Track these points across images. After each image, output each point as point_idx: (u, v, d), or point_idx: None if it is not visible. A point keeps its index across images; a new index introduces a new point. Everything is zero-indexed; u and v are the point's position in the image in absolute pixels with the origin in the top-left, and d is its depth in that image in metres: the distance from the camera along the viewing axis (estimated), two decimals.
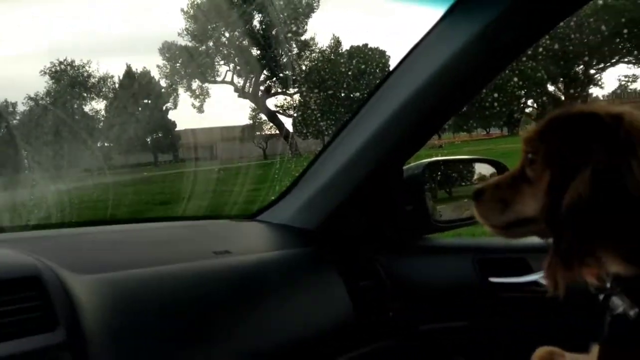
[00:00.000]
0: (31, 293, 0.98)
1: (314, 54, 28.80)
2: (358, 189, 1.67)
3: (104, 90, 30.42)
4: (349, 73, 27.25)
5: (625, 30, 20.81)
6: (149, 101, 29.77)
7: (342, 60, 28.22)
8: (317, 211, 1.72)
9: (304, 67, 28.24)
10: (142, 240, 1.50)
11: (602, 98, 26.43)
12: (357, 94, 26.10)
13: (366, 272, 1.68)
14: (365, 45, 29.62)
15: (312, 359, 1.44)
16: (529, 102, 24.42)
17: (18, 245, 1.18)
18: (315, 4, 27.72)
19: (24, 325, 0.95)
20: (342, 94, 27.46)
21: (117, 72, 33.41)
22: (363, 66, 27.53)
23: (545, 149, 1.03)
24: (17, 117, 29.39)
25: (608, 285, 0.99)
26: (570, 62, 22.61)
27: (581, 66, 24.07)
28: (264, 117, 29.30)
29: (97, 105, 30.40)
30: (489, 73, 1.46)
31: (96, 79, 30.14)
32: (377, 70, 27.22)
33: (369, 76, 27.45)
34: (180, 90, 29.62)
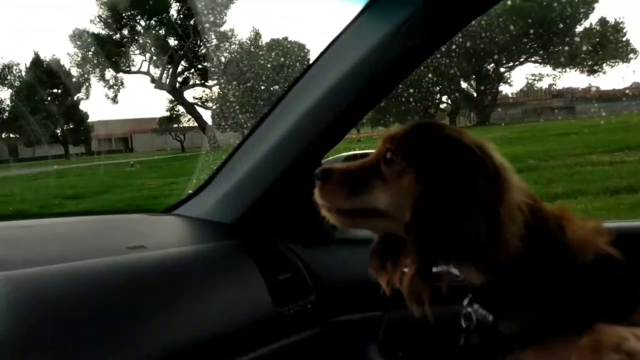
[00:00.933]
0: None
1: (233, 46, 28.43)
2: (276, 182, 1.66)
3: (9, 78, 28.66)
4: (268, 66, 27.11)
5: (532, 31, 21.99)
6: (59, 91, 28.33)
7: (261, 53, 28.00)
8: (235, 205, 1.70)
9: (222, 59, 27.82)
10: (49, 236, 1.42)
11: (510, 95, 27.89)
12: (277, 87, 26.05)
13: (284, 265, 1.68)
14: (285, 38, 29.59)
15: (230, 353, 1.42)
16: (443, 98, 25.32)
17: None
18: None
19: None
20: (262, 87, 27.30)
21: (24, 60, 31.51)
22: (282, 59, 27.45)
23: (409, 154, 1.09)
24: None
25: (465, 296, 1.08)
26: (481, 60, 23.62)
27: (492, 64, 25.23)
28: (181, 109, 28.61)
29: (2, 95, 28.59)
30: (404, 69, 1.49)
31: (0, 67, 28.34)
32: (297, 64, 27.25)
33: (288, 69, 27.43)
34: (93, 80, 28.34)
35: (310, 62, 1.62)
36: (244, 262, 1.58)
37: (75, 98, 28.34)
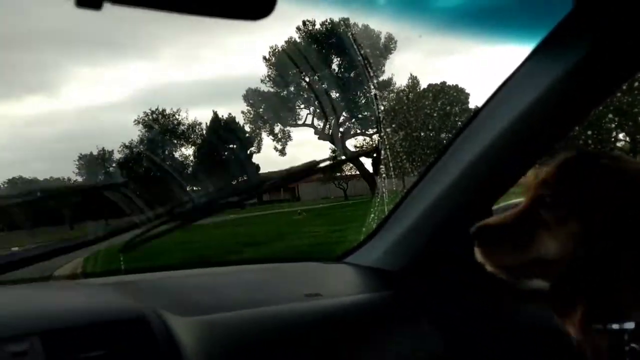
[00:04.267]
0: (138, 334, 1.04)
1: (392, 94, 28.93)
2: (445, 229, 1.64)
3: (192, 136, 31.93)
4: (434, 115, 27.23)
5: None
6: (235, 146, 30.86)
7: (427, 103, 28.22)
8: (404, 252, 1.71)
9: (382, 107, 28.40)
10: (235, 283, 1.54)
11: None
12: (443, 135, 25.95)
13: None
14: (444, 83, 29.49)
15: None
16: (620, 135, 23.12)
17: (120, 289, 1.25)
18: (392, 46, 28.04)
19: None
20: (429, 134, 27.40)
21: (205, 119, 35.05)
22: (448, 107, 27.44)
23: (570, 194, 1.03)
24: (114, 165, 31.39)
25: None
26: None
27: None
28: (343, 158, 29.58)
29: (187, 151, 31.87)
30: (578, 113, 1.42)
31: (185, 127, 31.75)
32: (461, 111, 27.04)
33: (454, 117, 27.29)
34: (263, 134, 30.55)
35: (475, 107, 1.60)
36: (410, 312, 1.57)
37: (248, 152, 30.69)
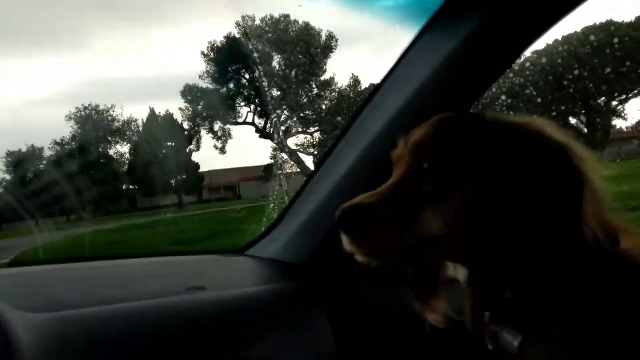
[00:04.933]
0: None
1: (334, 94, 29.02)
2: None
3: (128, 134, 31.06)
4: None
5: None
6: (173, 144, 30.20)
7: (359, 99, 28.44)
8: (303, 245, 1.63)
9: (324, 107, 28.47)
10: (111, 277, 1.42)
11: (625, 129, 25.94)
12: None
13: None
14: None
15: None
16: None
17: None
18: (333, 44, 28.13)
19: None
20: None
21: (141, 116, 34.17)
22: None
23: (453, 158, 0.87)
24: (44, 162, 30.11)
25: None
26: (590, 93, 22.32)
27: (602, 98, 23.65)
28: (284, 156, 29.49)
29: (122, 149, 30.98)
30: (471, 90, 1.35)
31: (120, 123, 30.84)
32: None
33: None
34: (203, 132, 30.01)
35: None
36: (309, 305, 1.49)
37: (187, 150, 30.08)
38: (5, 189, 29.06)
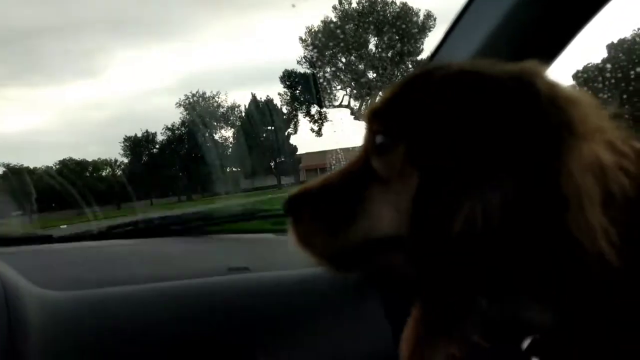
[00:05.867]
0: None
1: None
2: None
3: (231, 118, 32.14)
4: None
5: None
6: (272, 127, 30.89)
7: None
8: None
9: None
10: (152, 255, 1.41)
11: None
12: None
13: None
14: None
15: None
16: None
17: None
18: (431, 23, 27.35)
19: None
20: None
21: (244, 102, 35.23)
22: None
23: (408, 130, 0.64)
24: (157, 146, 31.97)
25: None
26: None
27: None
28: None
29: (226, 133, 32.17)
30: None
31: (224, 109, 31.97)
32: None
33: None
34: (300, 116, 30.43)
35: None
36: (362, 294, 1.40)
37: (285, 133, 30.66)
38: (122, 171, 31.26)
